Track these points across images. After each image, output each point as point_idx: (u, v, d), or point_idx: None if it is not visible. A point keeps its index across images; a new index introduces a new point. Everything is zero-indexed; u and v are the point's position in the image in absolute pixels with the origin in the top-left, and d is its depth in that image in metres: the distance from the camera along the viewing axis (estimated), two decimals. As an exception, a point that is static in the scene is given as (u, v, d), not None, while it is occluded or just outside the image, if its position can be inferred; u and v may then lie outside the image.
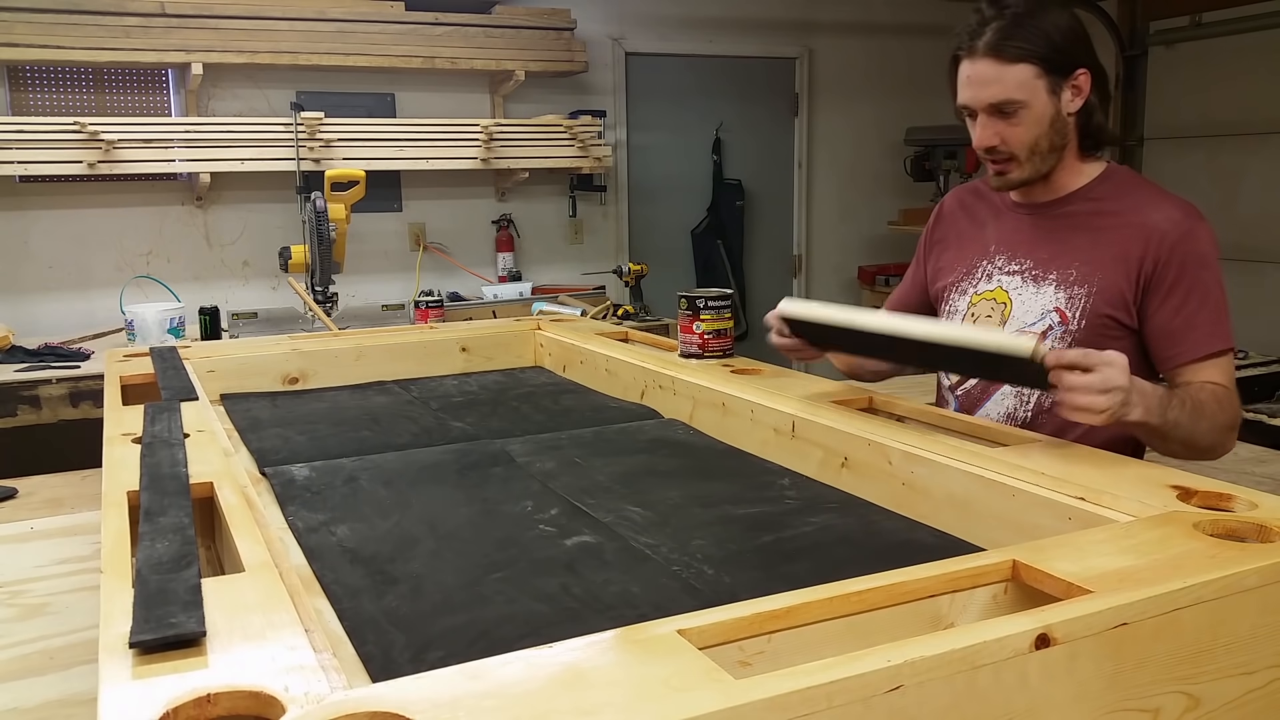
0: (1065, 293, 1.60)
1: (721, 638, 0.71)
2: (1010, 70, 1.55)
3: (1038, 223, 1.67)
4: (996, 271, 1.70)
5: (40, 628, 1.17)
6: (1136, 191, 1.63)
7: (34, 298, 3.94)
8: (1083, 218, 1.63)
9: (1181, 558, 0.81)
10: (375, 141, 4.13)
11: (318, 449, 1.50)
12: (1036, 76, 1.55)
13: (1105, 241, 1.59)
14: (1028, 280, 1.65)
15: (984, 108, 1.58)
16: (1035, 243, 1.66)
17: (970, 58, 1.58)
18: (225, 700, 0.63)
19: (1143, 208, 1.59)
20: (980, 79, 1.57)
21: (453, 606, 0.93)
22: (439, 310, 3.16)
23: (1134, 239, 1.56)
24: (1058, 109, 1.58)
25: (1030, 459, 1.12)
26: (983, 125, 1.59)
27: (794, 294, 5.60)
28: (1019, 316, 1.64)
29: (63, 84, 3.94)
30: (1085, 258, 1.60)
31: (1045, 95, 1.56)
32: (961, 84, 1.61)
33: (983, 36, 1.56)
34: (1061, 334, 1.59)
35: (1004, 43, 1.54)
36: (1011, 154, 1.59)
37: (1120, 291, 1.56)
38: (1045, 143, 1.59)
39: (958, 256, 1.77)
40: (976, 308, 1.70)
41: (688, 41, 5.11)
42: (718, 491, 1.26)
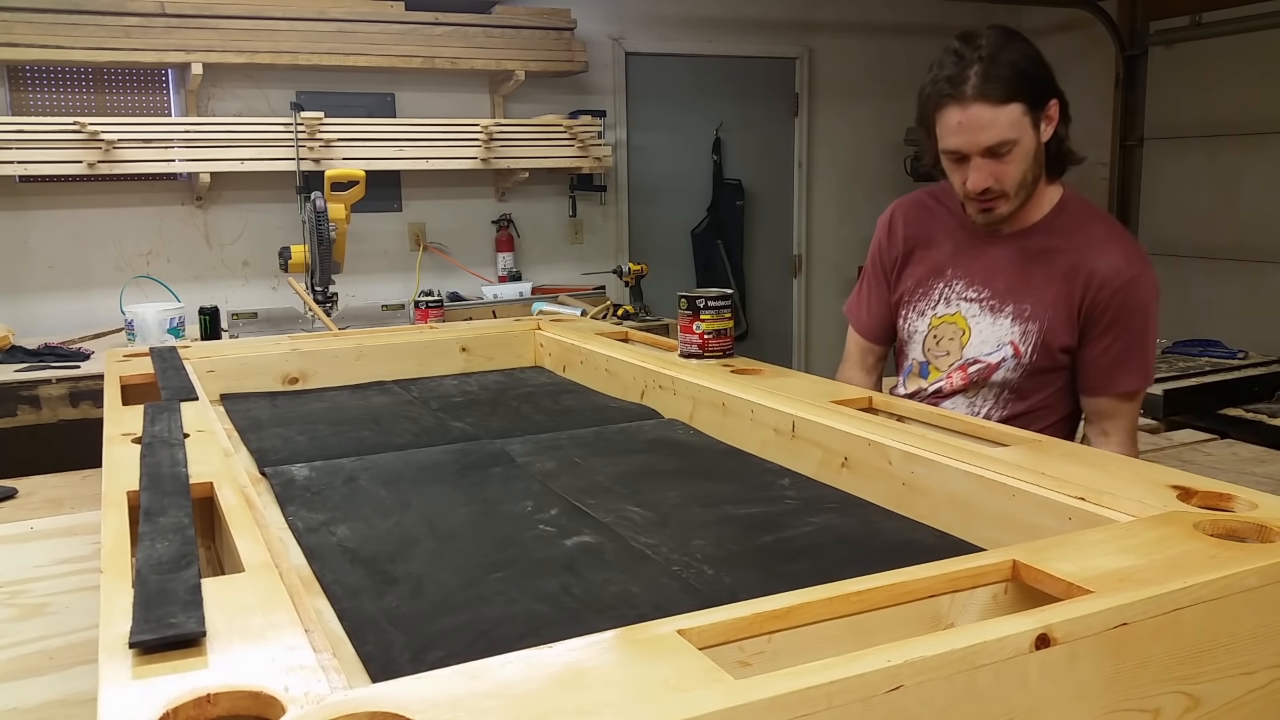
0: (1020, 327, 1.67)
1: (721, 638, 0.71)
2: (1002, 111, 1.55)
3: (997, 253, 1.71)
4: (955, 296, 1.75)
5: (40, 628, 1.17)
6: (1088, 228, 1.67)
7: (34, 298, 3.94)
8: (1037, 253, 1.67)
9: (1181, 558, 0.81)
10: (375, 141, 4.13)
11: (318, 449, 1.49)
12: (1024, 113, 1.57)
13: (1054, 280, 1.65)
14: (985, 310, 1.71)
15: (980, 151, 1.58)
16: (993, 272, 1.71)
17: (960, 103, 1.56)
18: (225, 700, 0.63)
19: (1090, 250, 1.64)
20: (974, 124, 1.56)
21: (453, 606, 0.93)
22: (439, 310, 3.16)
23: (1077, 282, 1.63)
24: (1039, 141, 1.61)
25: (1030, 459, 1.12)
26: (976, 168, 1.59)
27: (794, 293, 5.61)
28: (976, 344, 1.71)
29: (63, 84, 3.94)
30: (1037, 295, 1.66)
31: (1030, 130, 1.59)
32: (950, 130, 1.59)
33: (969, 81, 1.55)
34: (1014, 366, 1.67)
35: (991, 85, 1.54)
36: (1003, 192, 1.61)
37: (1065, 330, 1.64)
38: (1030, 175, 1.62)
39: (914, 272, 1.81)
40: (937, 331, 1.77)
41: (688, 41, 5.11)
42: (718, 491, 1.26)
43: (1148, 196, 5.37)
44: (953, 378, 1.72)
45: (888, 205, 1.92)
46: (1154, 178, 5.35)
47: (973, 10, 5.66)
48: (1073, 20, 5.49)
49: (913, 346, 1.82)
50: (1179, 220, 5.22)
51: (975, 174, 1.60)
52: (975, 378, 1.69)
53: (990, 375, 1.68)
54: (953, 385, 1.72)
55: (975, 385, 1.70)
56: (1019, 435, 1.24)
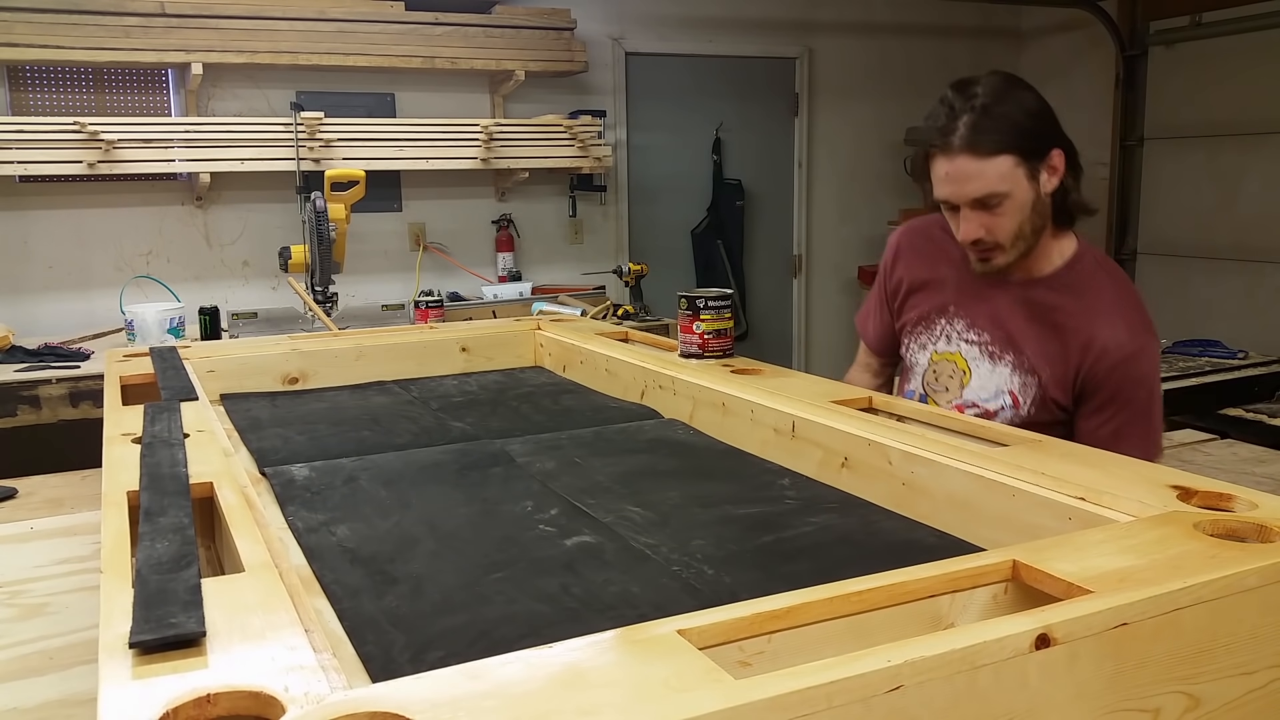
0: (1019, 378, 1.64)
1: (721, 638, 0.71)
2: (989, 164, 1.53)
3: (1002, 299, 1.67)
4: (955, 335, 1.72)
5: (40, 628, 1.17)
6: (1096, 291, 1.62)
7: (34, 298, 3.94)
8: (1042, 308, 1.63)
9: (1181, 558, 0.81)
10: (375, 141, 4.13)
11: (318, 449, 1.50)
12: (1015, 166, 1.54)
13: (1055, 340, 1.61)
14: (984, 355, 1.68)
15: (968, 202, 1.57)
16: (995, 319, 1.68)
17: (947, 154, 1.55)
18: (225, 700, 0.63)
19: (1095, 316, 1.60)
20: (960, 175, 1.55)
21: (453, 606, 0.93)
22: (439, 310, 3.16)
23: (1076, 348, 1.59)
24: (1037, 193, 1.57)
25: (1030, 459, 1.12)
26: (966, 219, 1.58)
27: (794, 293, 5.61)
28: (975, 389, 1.69)
29: (63, 84, 3.94)
30: (1036, 350, 1.62)
31: (1025, 182, 1.55)
32: (940, 180, 1.58)
33: (956, 132, 1.53)
34: (1011, 416, 1.63)
35: (979, 137, 1.52)
36: (997, 243, 1.59)
37: (1063, 393, 1.61)
38: (1028, 227, 1.59)
39: (917, 302, 1.80)
40: (938, 366, 1.74)
41: (688, 41, 5.11)
42: (718, 491, 1.26)
43: (1148, 196, 5.37)
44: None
45: (887, 205, 1.90)
46: (1154, 178, 5.35)
47: (973, 10, 5.66)
48: (1073, 20, 5.49)
49: (914, 376, 1.81)
50: (1179, 220, 5.22)
51: (965, 224, 1.59)
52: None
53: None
54: None
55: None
56: (1019, 435, 1.24)
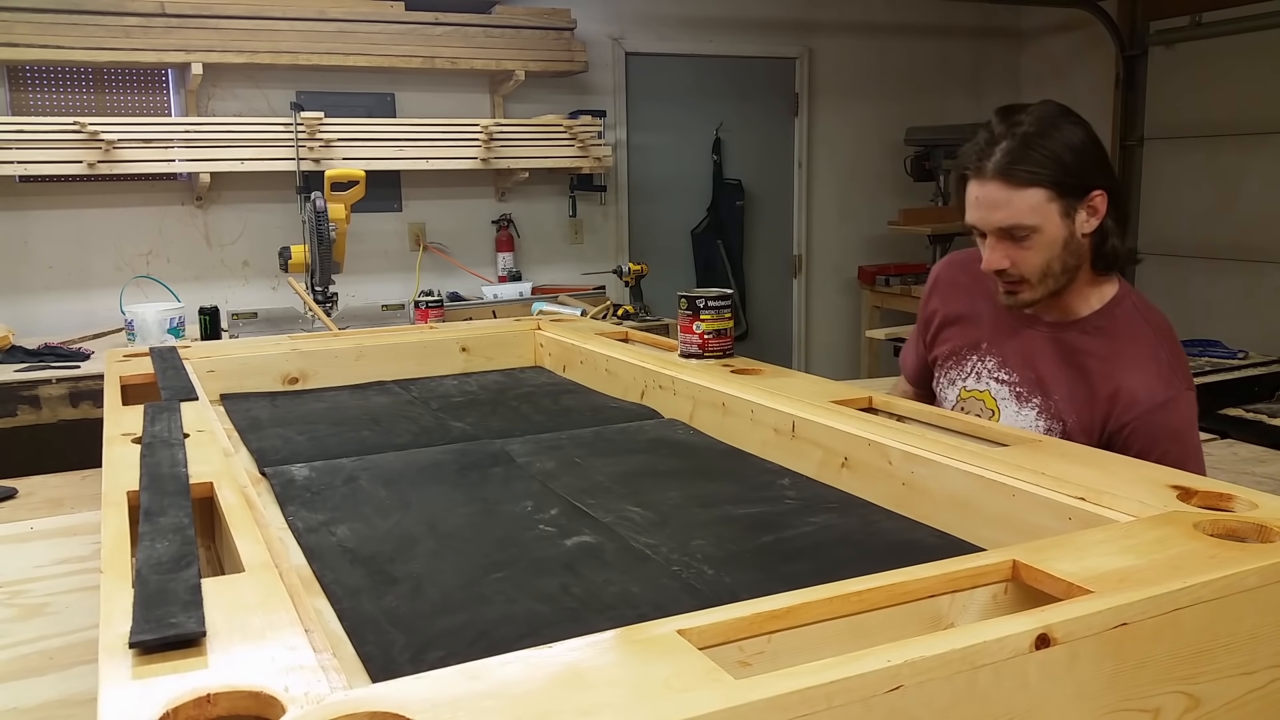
0: (1044, 423, 1.58)
1: (721, 638, 0.71)
2: (1020, 195, 1.48)
3: (1033, 339, 1.62)
4: (985, 374, 1.68)
5: (40, 628, 1.17)
6: (1132, 338, 1.56)
7: (34, 298, 3.94)
8: (1074, 351, 1.58)
9: (1181, 558, 0.81)
10: (375, 141, 4.13)
11: (318, 449, 1.50)
12: (1048, 200, 1.48)
13: (1083, 386, 1.55)
14: (1013, 396, 1.63)
15: (994, 231, 1.52)
16: (1027, 359, 1.62)
17: (978, 179, 1.51)
18: (225, 700, 0.63)
19: (1128, 364, 1.53)
20: (989, 202, 1.50)
21: (453, 606, 0.93)
22: (439, 310, 3.16)
23: (1104, 396, 1.52)
24: (1071, 232, 1.51)
25: (1030, 459, 1.12)
26: (992, 248, 1.53)
27: (794, 293, 5.61)
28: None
29: (63, 84, 3.94)
30: (1065, 394, 1.57)
31: (1058, 219, 1.50)
32: (970, 205, 1.54)
33: (991, 158, 1.49)
34: None
35: (1013, 166, 1.47)
36: (1021, 277, 1.54)
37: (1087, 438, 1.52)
38: (1058, 265, 1.53)
39: (950, 335, 1.76)
40: (966, 404, 1.69)
41: (688, 41, 5.11)
42: (718, 491, 1.26)
43: (1148, 196, 5.37)
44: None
45: (887, 205, 1.88)
46: (1154, 178, 5.35)
47: (973, 10, 5.66)
48: (1073, 20, 5.49)
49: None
50: (1179, 220, 5.22)
51: (989, 253, 1.54)
52: None
53: None
54: None
55: None
56: (1019, 435, 1.24)
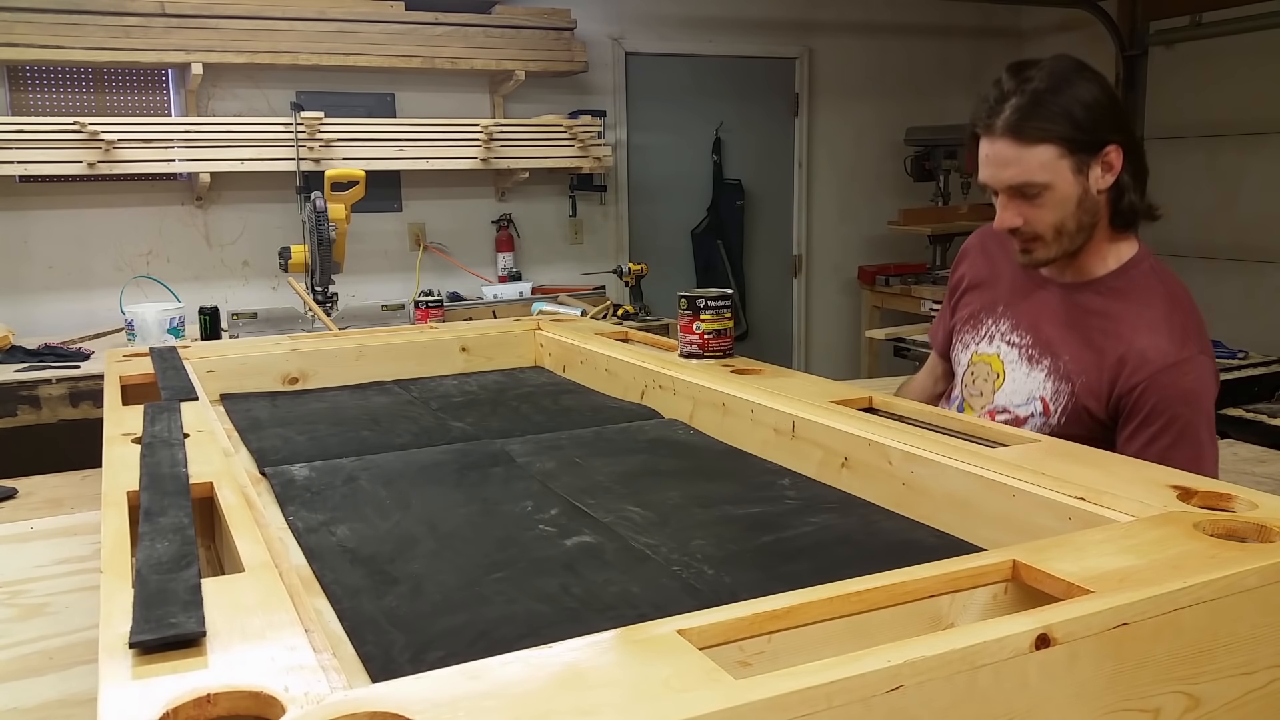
0: (1052, 384, 1.55)
1: (721, 638, 0.71)
2: (1030, 152, 1.46)
3: (1047, 300, 1.60)
4: (998, 336, 1.66)
5: (40, 628, 1.17)
6: (1147, 299, 1.52)
7: (34, 298, 3.94)
8: (1086, 312, 1.55)
9: (1181, 558, 0.81)
10: (375, 141, 4.13)
11: (318, 449, 1.50)
12: (1059, 157, 1.46)
13: (1096, 347, 1.52)
14: (1023, 358, 1.61)
15: (1004, 189, 1.50)
16: (1039, 320, 1.60)
17: (988, 136, 1.49)
18: (225, 700, 0.63)
19: (1141, 324, 1.50)
20: (999, 160, 1.49)
21: (453, 606, 0.93)
22: (439, 310, 3.16)
23: (1113, 357, 1.49)
24: (1085, 188, 1.49)
25: (1030, 459, 1.12)
26: (1003, 206, 1.51)
27: (794, 293, 5.61)
28: (1008, 393, 1.61)
29: (63, 84, 3.94)
30: (1075, 354, 1.54)
31: (1070, 176, 1.47)
32: (981, 162, 1.52)
33: (1001, 115, 1.47)
34: (1041, 424, 1.55)
35: (1023, 123, 1.46)
36: (1036, 234, 1.52)
37: (1097, 404, 1.51)
38: (1072, 223, 1.50)
39: (970, 300, 1.75)
40: (975, 368, 1.68)
41: (688, 41, 5.11)
42: (718, 491, 1.26)
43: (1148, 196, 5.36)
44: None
45: (887, 205, 1.90)
46: (1154, 178, 5.31)
47: (973, 10, 5.66)
48: (1073, 20, 5.49)
49: (956, 381, 1.76)
50: (1179, 220, 5.21)
51: (1001, 211, 1.52)
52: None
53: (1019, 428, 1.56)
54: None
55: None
56: (1019, 435, 1.24)
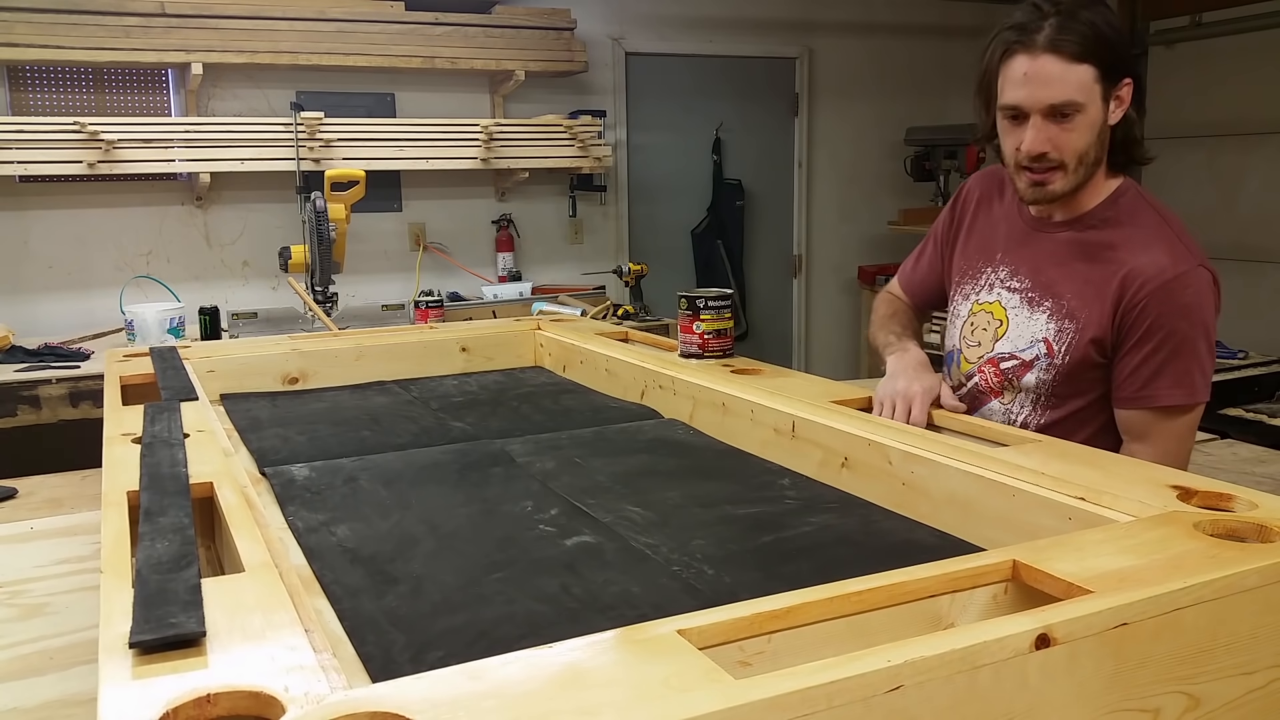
0: (1055, 325, 1.55)
1: (721, 638, 0.71)
2: (1074, 70, 1.43)
3: (1044, 242, 1.60)
4: (998, 283, 1.65)
5: (40, 628, 1.17)
6: (1138, 222, 1.53)
7: (34, 298, 3.94)
8: (1082, 245, 1.56)
9: (1181, 558, 0.81)
10: (375, 141, 4.13)
11: (318, 449, 1.50)
12: (1095, 80, 1.44)
13: (1096, 277, 1.52)
14: (1024, 302, 1.60)
15: (1043, 109, 1.45)
16: (1038, 263, 1.60)
17: (1029, 53, 1.44)
18: (225, 700, 0.63)
19: (1135, 246, 1.51)
20: (1042, 76, 1.43)
21: (453, 606, 0.93)
22: (439, 310, 3.16)
23: (1115, 281, 1.49)
24: (1105, 117, 1.47)
25: (1030, 459, 1.12)
26: (1037, 128, 1.46)
27: (794, 293, 5.61)
28: (1011, 338, 1.60)
29: (63, 84, 3.94)
30: (1077, 290, 1.54)
31: (1099, 101, 1.46)
32: (1016, 82, 1.46)
33: (1042, 31, 1.43)
34: (1047, 365, 1.55)
35: (1066, 38, 1.42)
36: (1060, 162, 1.48)
37: (1102, 332, 1.50)
38: (1092, 153, 1.49)
39: (970, 250, 1.73)
40: (976, 318, 1.67)
41: (688, 41, 5.11)
42: (718, 491, 1.26)
43: (1148, 196, 5.36)
44: (984, 372, 1.61)
45: (887, 205, 1.91)
46: (1154, 178, 5.33)
47: (973, 10, 5.66)
48: (1073, 20, 5.48)
49: (952, 331, 1.73)
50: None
51: (1034, 133, 1.46)
52: (1010, 375, 1.59)
53: (1024, 375, 1.57)
54: (988, 383, 1.62)
55: (1010, 387, 1.60)
56: (1019, 435, 1.24)
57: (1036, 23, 1.44)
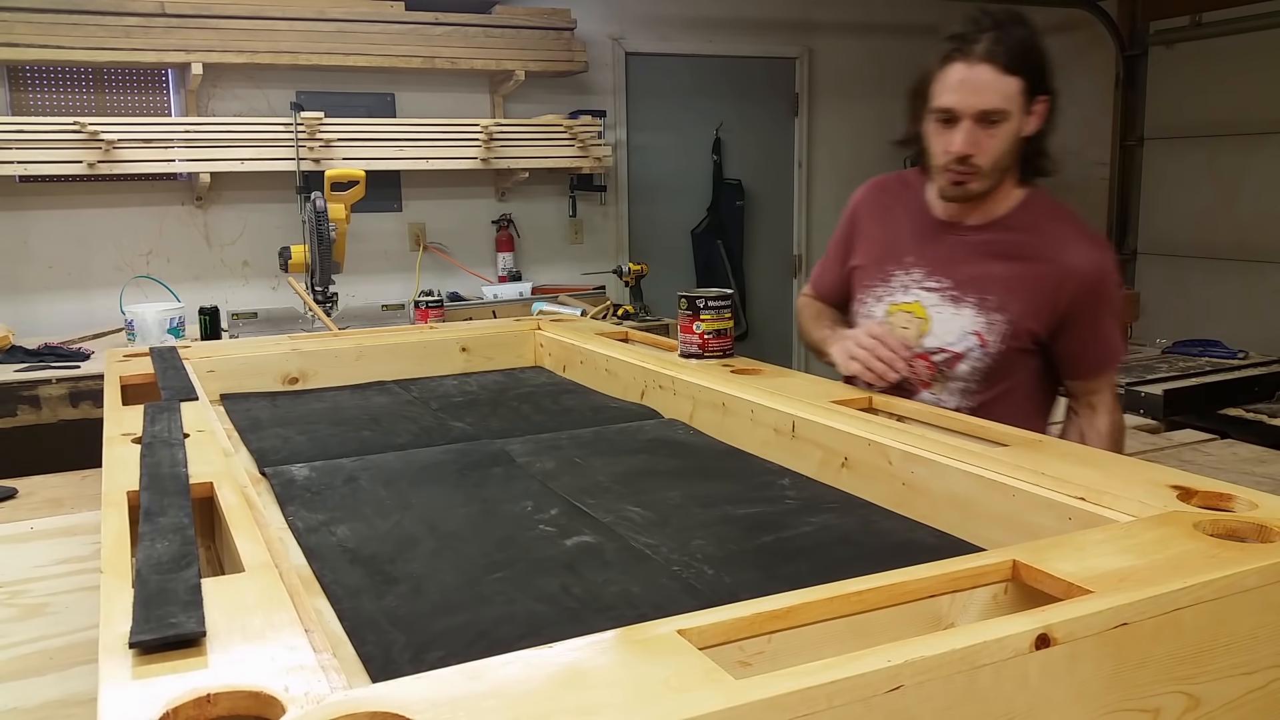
0: (984, 318, 1.66)
1: (721, 638, 0.71)
2: (1005, 80, 1.56)
3: (959, 244, 1.71)
4: (914, 285, 1.74)
5: (40, 628, 1.17)
6: (1054, 224, 1.68)
7: (34, 298, 3.94)
8: (1003, 246, 1.68)
9: (1181, 558, 0.81)
10: (375, 141, 4.13)
11: (318, 449, 1.50)
12: (1021, 92, 1.58)
13: (1026, 275, 1.65)
14: (946, 300, 1.69)
15: (974, 114, 1.58)
16: (955, 264, 1.70)
17: (967, 61, 1.57)
18: (225, 700, 0.63)
19: (1061, 246, 1.65)
20: (977, 84, 1.57)
21: (453, 606, 0.93)
22: (439, 310, 3.16)
23: (1053, 277, 1.63)
24: (1022, 128, 1.61)
25: (1030, 459, 1.12)
26: (966, 131, 1.59)
27: (794, 293, 5.60)
28: (939, 334, 1.69)
29: (63, 84, 3.94)
30: (1004, 287, 1.65)
31: (1020, 112, 1.59)
32: (950, 87, 1.59)
33: (980, 42, 1.56)
34: (980, 355, 1.66)
35: (1001, 50, 1.56)
36: (980, 166, 1.61)
37: (1036, 320, 1.64)
38: (1007, 159, 1.63)
39: (872, 256, 1.82)
40: (894, 318, 1.75)
41: (688, 41, 5.11)
42: (718, 491, 1.26)
43: (1148, 196, 5.36)
44: (915, 367, 1.69)
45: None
46: (1154, 178, 5.34)
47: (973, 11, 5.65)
48: (1073, 20, 5.48)
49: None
50: (1179, 220, 5.22)
51: (964, 136, 1.59)
52: (943, 368, 1.69)
53: (956, 365, 1.68)
54: (918, 376, 1.70)
55: (940, 378, 1.70)
56: (1019, 435, 1.24)
57: (975, 34, 1.57)
